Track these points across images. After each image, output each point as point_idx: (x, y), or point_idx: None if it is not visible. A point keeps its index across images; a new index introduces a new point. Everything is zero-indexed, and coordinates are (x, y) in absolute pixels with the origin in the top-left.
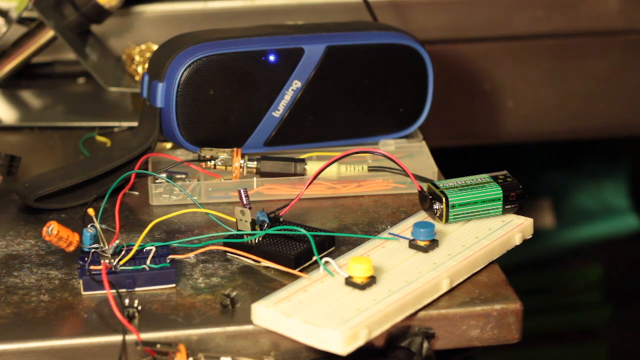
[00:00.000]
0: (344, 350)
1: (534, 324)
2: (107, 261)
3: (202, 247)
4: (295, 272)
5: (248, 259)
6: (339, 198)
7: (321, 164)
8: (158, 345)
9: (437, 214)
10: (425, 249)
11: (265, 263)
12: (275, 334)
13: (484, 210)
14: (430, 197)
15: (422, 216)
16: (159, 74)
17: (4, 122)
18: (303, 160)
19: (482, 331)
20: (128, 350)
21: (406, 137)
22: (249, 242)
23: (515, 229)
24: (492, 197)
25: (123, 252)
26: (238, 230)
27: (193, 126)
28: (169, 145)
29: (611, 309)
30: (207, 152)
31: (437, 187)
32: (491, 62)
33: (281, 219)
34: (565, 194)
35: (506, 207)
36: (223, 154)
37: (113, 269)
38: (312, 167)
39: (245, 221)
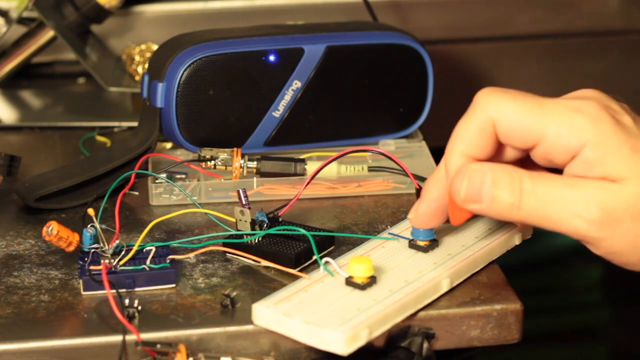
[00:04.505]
0: (345, 350)
1: (534, 324)
2: (107, 261)
3: (202, 247)
4: (295, 272)
5: (248, 259)
6: (339, 198)
7: (321, 164)
8: (158, 345)
9: None
10: (425, 249)
11: (265, 263)
12: (276, 334)
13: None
14: None
15: None
16: (159, 74)
17: (4, 122)
18: (303, 160)
19: (482, 331)
20: (128, 350)
21: (406, 137)
22: (249, 242)
23: (515, 228)
24: None
25: (123, 252)
26: (237, 230)
27: (193, 126)
28: (169, 145)
29: (611, 309)
30: (207, 152)
31: None
32: (491, 62)
33: (280, 219)
34: None
35: None
36: (223, 154)
37: (113, 269)
38: (312, 167)
39: (245, 221)
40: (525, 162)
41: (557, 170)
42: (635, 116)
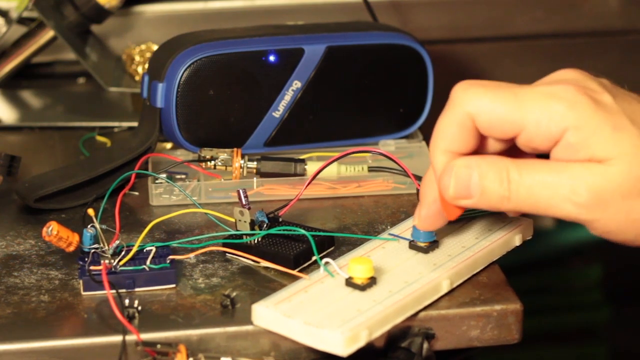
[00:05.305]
0: (344, 351)
1: (534, 324)
2: (107, 261)
3: (202, 247)
4: (295, 272)
5: (248, 260)
6: (339, 198)
7: (321, 164)
8: (158, 346)
9: None
10: (425, 250)
11: (265, 263)
12: (276, 334)
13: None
14: None
15: None
16: (159, 74)
17: (4, 122)
18: (303, 161)
19: (482, 331)
20: (128, 350)
21: (406, 137)
22: (249, 242)
23: (515, 229)
24: None
25: (123, 253)
26: (237, 230)
27: (193, 126)
28: (169, 145)
29: (611, 309)
30: (207, 153)
31: None
32: (491, 62)
33: (280, 219)
34: None
35: None
36: (223, 154)
37: (113, 269)
38: (312, 167)
39: (245, 221)
40: (513, 150)
41: (546, 156)
42: (616, 91)
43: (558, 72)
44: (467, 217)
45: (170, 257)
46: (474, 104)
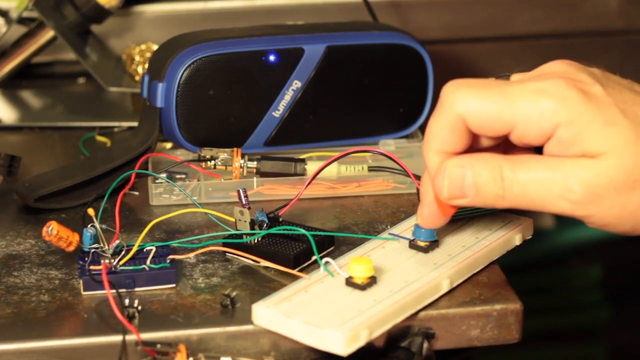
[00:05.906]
0: (344, 350)
1: (534, 324)
2: (107, 261)
3: (202, 247)
4: (295, 272)
5: (248, 259)
6: (339, 198)
7: (321, 164)
8: (158, 345)
9: None
10: (425, 250)
11: (265, 263)
12: (276, 334)
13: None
14: None
15: None
16: (159, 74)
17: (4, 122)
18: (303, 160)
19: (482, 331)
20: (128, 350)
21: (406, 137)
22: (249, 242)
23: (515, 229)
24: None
25: (123, 252)
26: (237, 230)
27: (193, 126)
28: (169, 145)
29: (611, 309)
30: (207, 152)
31: None
32: (491, 62)
33: (280, 219)
34: None
35: None
36: (223, 154)
37: (113, 269)
38: (312, 167)
39: (245, 221)
40: (507, 144)
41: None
42: (607, 81)
43: (547, 65)
44: (467, 217)
45: (170, 256)
46: (463, 105)
